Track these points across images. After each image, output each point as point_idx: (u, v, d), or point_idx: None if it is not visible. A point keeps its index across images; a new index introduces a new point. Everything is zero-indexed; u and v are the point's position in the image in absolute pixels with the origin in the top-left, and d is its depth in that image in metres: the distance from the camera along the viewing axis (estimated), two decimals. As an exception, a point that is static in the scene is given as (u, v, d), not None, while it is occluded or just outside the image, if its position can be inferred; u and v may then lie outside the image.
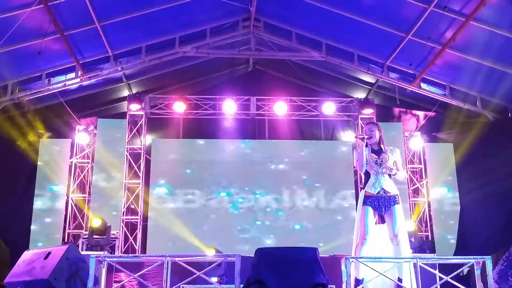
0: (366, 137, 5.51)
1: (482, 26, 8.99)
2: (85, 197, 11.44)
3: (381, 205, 5.31)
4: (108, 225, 10.02)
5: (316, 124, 12.31)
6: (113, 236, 10.63)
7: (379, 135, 5.56)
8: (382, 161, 5.40)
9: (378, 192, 5.32)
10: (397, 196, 5.38)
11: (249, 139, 12.14)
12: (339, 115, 12.00)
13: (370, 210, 5.31)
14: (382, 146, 5.53)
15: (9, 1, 8.44)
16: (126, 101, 11.80)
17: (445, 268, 6.35)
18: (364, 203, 5.35)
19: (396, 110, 12.32)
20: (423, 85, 11.22)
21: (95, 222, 9.88)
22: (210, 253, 9.59)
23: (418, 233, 10.78)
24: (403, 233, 5.36)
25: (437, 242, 11.20)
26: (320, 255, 5.23)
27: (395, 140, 11.99)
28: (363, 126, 5.58)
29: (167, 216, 11.42)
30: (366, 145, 5.45)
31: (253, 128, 12.23)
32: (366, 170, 5.44)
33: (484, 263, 5.14)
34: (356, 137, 5.40)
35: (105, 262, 5.46)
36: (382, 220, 5.42)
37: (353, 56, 11.05)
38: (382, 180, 5.34)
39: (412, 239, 10.02)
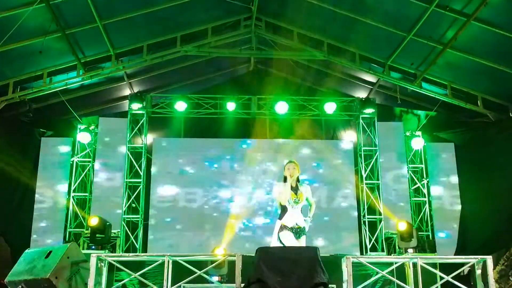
0: (295, 176, 6.11)
1: (483, 26, 8.99)
2: (86, 196, 11.47)
3: (294, 235, 6.00)
4: (108, 223, 10.02)
5: (317, 123, 12.31)
6: (114, 235, 10.65)
7: (298, 174, 6.20)
8: (298, 200, 6.10)
9: (293, 226, 6.00)
10: (304, 228, 6.10)
11: (250, 138, 12.14)
12: (340, 114, 12.00)
13: (288, 233, 5.97)
14: (297, 184, 6.17)
15: (10, -1, 8.46)
16: (127, 100, 11.79)
17: (446, 268, 6.37)
18: (281, 230, 6.01)
19: (397, 110, 12.31)
20: (424, 85, 11.20)
21: (93, 221, 9.89)
22: (217, 252, 9.64)
23: (419, 233, 10.76)
24: None
25: (437, 242, 11.22)
26: (320, 255, 5.24)
27: (396, 140, 12.01)
28: (289, 163, 6.09)
29: (168, 215, 11.45)
30: (285, 181, 6.11)
31: (254, 127, 12.22)
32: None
33: (484, 262, 5.15)
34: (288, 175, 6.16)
35: (106, 261, 5.48)
36: None
37: (355, 56, 11.05)
38: (296, 215, 6.07)
39: (413, 239, 10.06)
